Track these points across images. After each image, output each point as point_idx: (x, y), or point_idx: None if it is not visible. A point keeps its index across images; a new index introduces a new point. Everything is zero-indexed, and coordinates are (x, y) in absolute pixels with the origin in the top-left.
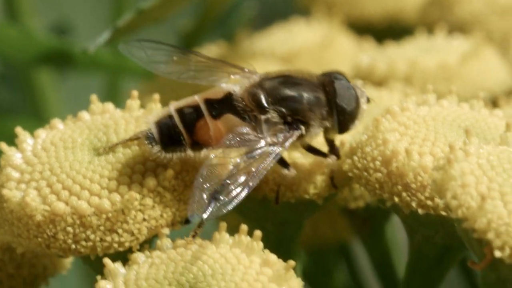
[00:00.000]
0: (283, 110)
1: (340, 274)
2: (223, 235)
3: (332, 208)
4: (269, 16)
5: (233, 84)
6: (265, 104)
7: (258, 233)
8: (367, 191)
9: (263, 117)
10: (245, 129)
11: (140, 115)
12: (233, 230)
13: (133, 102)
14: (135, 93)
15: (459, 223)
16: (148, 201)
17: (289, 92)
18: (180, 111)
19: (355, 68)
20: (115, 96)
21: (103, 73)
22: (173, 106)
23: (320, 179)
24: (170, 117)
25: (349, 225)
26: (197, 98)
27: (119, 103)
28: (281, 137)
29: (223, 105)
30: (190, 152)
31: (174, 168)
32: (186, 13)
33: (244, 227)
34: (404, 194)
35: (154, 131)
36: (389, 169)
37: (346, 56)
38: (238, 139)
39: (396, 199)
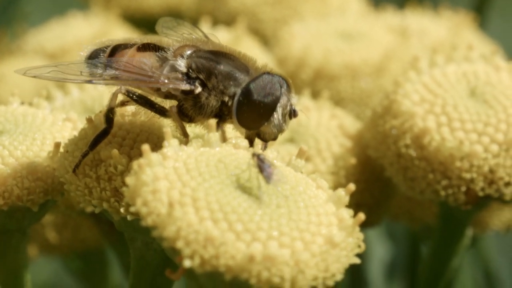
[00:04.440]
0: (192, 64)
1: (115, 273)
2: None
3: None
4: (51, 11)
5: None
6: (182, 54)
7: None
8: (78, 197)
9: (171, 61)
10: (148, 62)
11: None
12: None
13: None
14: None
15: (152, 231)
16: None
17: (210, 55)
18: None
19: None
20: None
21: None
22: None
23: (34, 185)
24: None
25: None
26: (145, 40)
27: None
28: (170, 80)
29: (155, 47)
30: None
31: None
32: None
33: None
34: (112, 199)
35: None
36: (98, 173)
37: None
38: (136, 65)
39: (105, 205)
